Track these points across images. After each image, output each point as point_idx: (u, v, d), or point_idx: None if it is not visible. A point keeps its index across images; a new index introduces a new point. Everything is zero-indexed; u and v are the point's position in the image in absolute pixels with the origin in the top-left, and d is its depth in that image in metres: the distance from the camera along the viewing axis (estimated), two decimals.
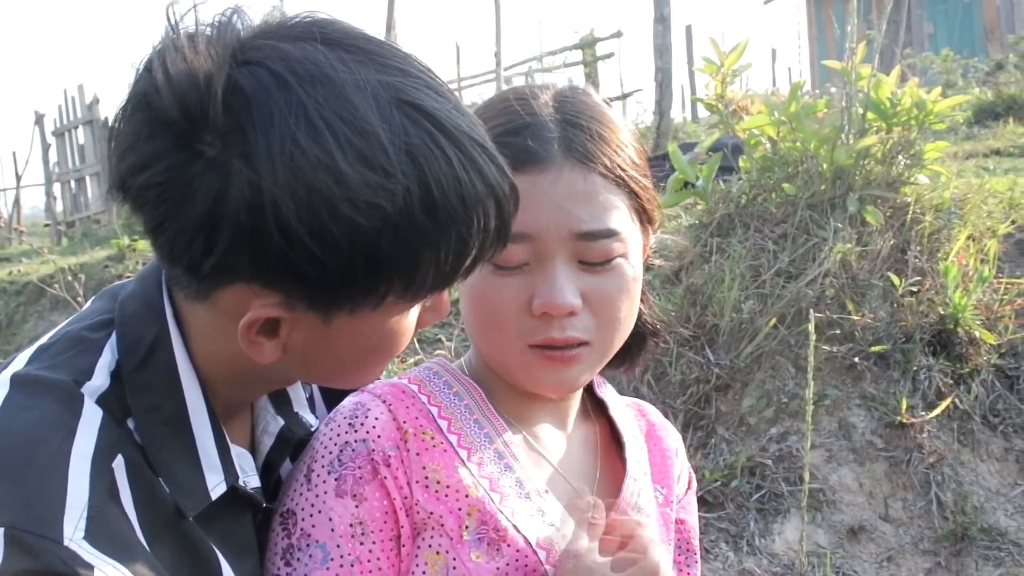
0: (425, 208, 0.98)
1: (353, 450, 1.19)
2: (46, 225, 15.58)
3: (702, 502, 3.66)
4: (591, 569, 1.18)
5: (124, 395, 1.09)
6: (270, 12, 1.04)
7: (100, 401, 1.08)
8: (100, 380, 1.09)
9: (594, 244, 1.19)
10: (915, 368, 3.94)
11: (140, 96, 0.99)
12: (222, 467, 1.12)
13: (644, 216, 1.27)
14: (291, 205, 0.95)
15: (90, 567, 0.98)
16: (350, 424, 1.20)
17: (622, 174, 1.22)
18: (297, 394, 1.29)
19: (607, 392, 1.41)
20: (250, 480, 1.17)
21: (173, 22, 1.00)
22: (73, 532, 0.98)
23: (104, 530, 1.00)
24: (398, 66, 1.02)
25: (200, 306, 1.09)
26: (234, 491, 1.14)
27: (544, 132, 1.20)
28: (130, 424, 1.09)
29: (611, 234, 1.20)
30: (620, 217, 1.21)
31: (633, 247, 1.24)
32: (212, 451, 1.12)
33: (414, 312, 1.12)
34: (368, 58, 1.00)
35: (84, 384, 1.08)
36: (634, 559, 1.19)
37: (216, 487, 1.12)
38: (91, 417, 1.06)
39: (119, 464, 1.05)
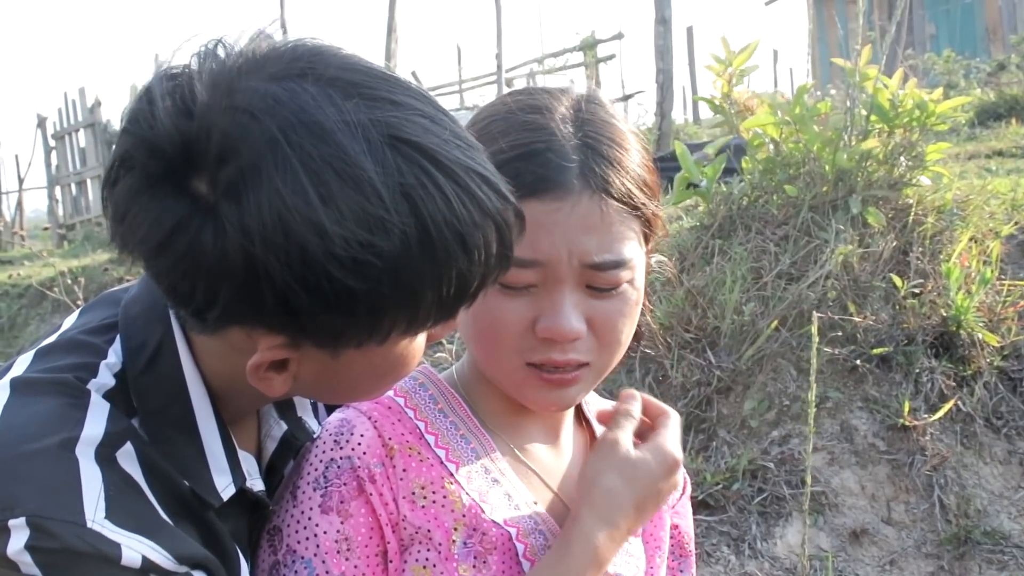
0: (423, 249, 0.97)
1: (338, 467, 1.18)
2: (45, 228, 15.57)
3: (704, 505, 3.65)
4: (627, 458, 1.24)
5: (130, 397, 1.09)
6: (256, 39, 1.01)
7: (106, 396, 1.07)
8: (105, 379, 1.08)
9: (604, 274, 1.18)
10: (917, 370, 3.92)
11: (128, 159, 0.97)
12: (230, 469, 1.12)
13: (650, 237, 1.26)
14: (284, 266, 0.94)
15: (116, 545, 0.99)
16: (335, 441, 1.20)
17: (635, 202, 1.20)
18: (301, 399, 1.28)
19: (589, 400, 1.40)
20: (255, 483, 1.17)
21: (159, 67, 0.98)
22: (94, 513, 0.99)
23: (124, 508, 1.01)
24: (389, 98, 0.99)
25: (207, 337, 1.08)
26: (242, 493, 1.14)
27: (563, 159, 1.17)
28: (135, 423, 1.08)
29: (621, 264, 1.19)
30: (631, 246, 1.20)
31: (639, 271, 1.23)
32: (220, 454, 1.12)
33: (423, 335, 1.11)
34: (358, 92, 0.98)
35: (89, 381, 1.07)
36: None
37: (225, 489, 1.12)
38: (98, 408, 1.06)
39: (128, 451, 1.04)
